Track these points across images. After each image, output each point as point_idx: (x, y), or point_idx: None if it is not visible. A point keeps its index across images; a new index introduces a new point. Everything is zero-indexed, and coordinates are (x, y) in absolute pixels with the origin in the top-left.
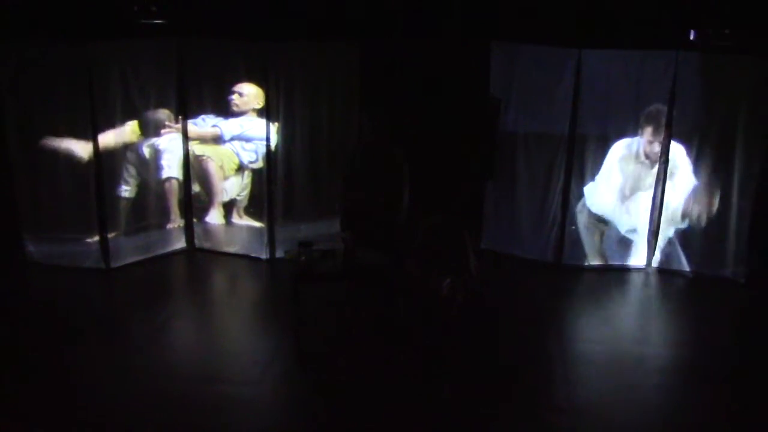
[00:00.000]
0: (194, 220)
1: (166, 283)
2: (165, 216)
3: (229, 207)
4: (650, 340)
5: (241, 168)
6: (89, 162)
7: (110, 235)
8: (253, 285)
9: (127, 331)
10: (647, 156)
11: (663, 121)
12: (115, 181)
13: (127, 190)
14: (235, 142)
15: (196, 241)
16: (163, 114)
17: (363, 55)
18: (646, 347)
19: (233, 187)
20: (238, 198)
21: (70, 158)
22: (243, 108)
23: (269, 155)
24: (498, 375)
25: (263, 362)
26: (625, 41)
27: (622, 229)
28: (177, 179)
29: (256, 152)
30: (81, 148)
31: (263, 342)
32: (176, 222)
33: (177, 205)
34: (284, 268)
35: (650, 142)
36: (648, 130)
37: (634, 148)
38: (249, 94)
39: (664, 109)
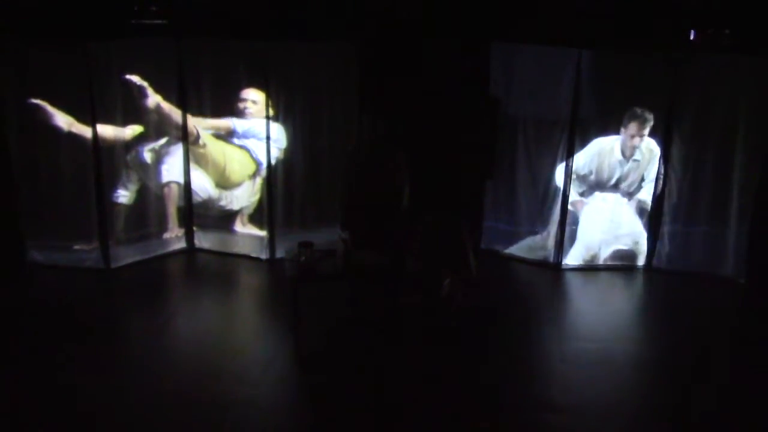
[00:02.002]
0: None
1: (166, 283)
2: (163, 223)
3: (233, 215)
4: (650, 340)
5: (255, 171)
6: (89, 165)
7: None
8: (253, 285)
9: (127, 330)
10: (623, 153)
11: (648, 117)
12: (115, 186)
13: (125, 196)
14: (247, 140)
15: (196, 242)
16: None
17: (363, 55)
18: (645, 347)
19: (244, 194)
20: (245, 205)
21: (67, 150)
22: (258, 115)
23: (269, 157)
24: (497, 374)
25: (263, 362)
26: (625, 41)
27: None
28: (177, 183)
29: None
30: (63, 120)
31: (263, 342)
32: (174, 231)
33: (176, 213)
34: (284, 268)
35: (632, 137)
36: (633, 126)
37: (610, 145)
38: (261, 101)
39: (648, 112)
